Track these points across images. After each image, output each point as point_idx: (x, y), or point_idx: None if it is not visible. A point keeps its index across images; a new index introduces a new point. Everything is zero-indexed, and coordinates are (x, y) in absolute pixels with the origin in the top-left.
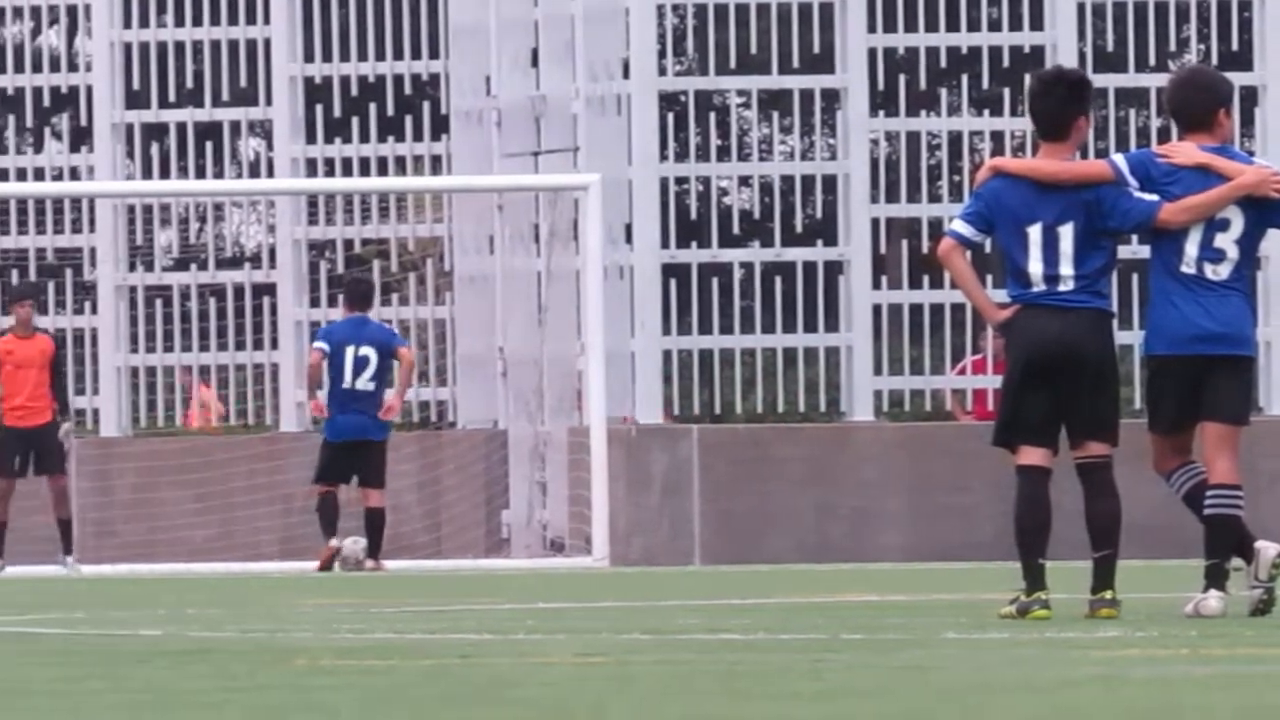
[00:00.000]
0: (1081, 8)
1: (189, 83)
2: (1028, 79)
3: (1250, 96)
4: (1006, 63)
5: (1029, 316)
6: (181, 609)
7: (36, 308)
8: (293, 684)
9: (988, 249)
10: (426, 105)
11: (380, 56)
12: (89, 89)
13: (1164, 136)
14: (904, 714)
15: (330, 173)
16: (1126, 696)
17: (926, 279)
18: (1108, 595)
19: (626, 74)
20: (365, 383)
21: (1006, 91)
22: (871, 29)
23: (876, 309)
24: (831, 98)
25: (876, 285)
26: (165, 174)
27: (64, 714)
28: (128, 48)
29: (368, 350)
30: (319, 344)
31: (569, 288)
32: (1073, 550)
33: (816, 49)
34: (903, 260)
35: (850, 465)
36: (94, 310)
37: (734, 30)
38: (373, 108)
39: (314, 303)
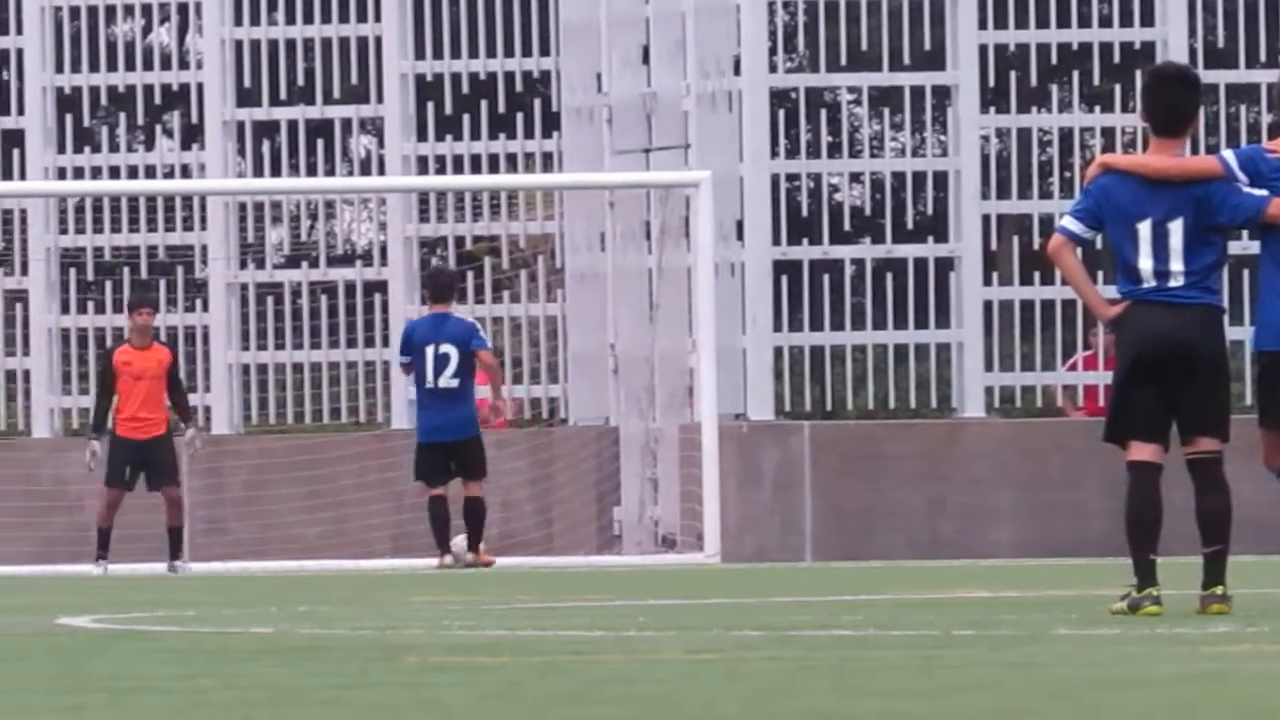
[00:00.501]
0: (1192, 3)
1: (300, 80)
2: (1140, 74)
3: None
4: (1117, 59)
5: (1139, 312)
6: (293, 606)
7: (154, 314)
8: (404, 681)
9: (1098, 245)
10: (538, 102)
11: (491, 54)
12: (200, 86)
13: (1275, 132)
14: (1015, 710)
15: (441, 170)
16: (1237, 692)
17: (1037, 275)
18: (1219, 591)
19: (737, 71)
20: (448, 380)
21: (1117, 88)
22: (982, 25)
23: (987, 305)
24: (942, 94)
25: (987, 281)
26: (276, 171)
27: (176, 712)
28: (239, 45)
29: (448, 348)
30: (401, 357)
31: (680, 284)
32: (1184, 546)
33: (927, 45)
34: (1013, 256)
35: (961, 461)
36: (205, 308)
37: (845, 27)
38: (484, 105)
39: (424, 300)
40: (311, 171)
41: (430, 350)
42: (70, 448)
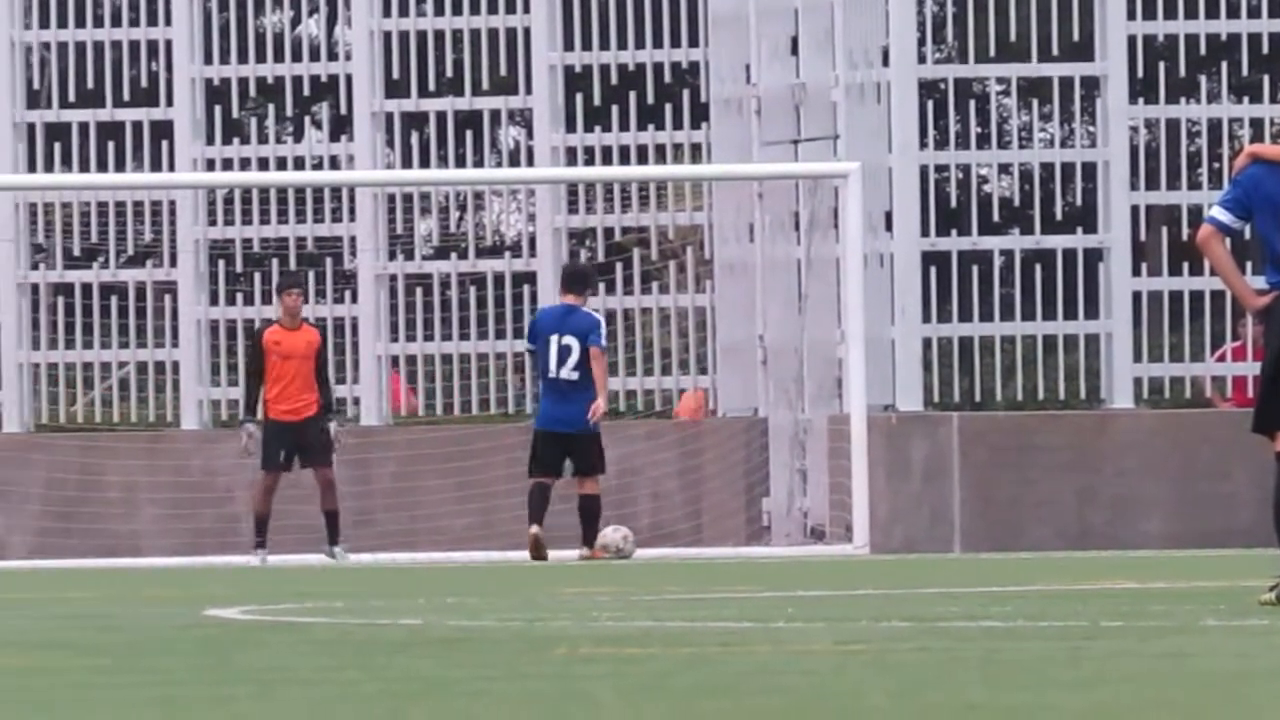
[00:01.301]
0: None
1: (449, 71)
2: None
3: None
4: (1266, 49)
5: None
6: (441, 598)
7: (303, 296)
8: (553, 672)
9: (1246, 236)
10: (686, 93)
11: (640, 45)
12: (349, 78)
13: None
14: (1164, 702)
15: (590, 161)
16: None
17: (1186, 266)
18: None
19: (886, 61)
20: (569, 372)
21: (1266, 78)
22: (1131, 16)
23: (1136, 296)
24: (1091, 85)
25: (1136, 272)
26: (425, 163)
27: (323, 704)
28: (387, 36)
29: (570, 340)
30: (527, 345)
31: (829, 275)
32: None
33: (1076, 36)
34: (1162, 247)
35: (1110, 452)
36: (354, 299)
37: (993, 18)
38: (633, 96)
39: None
40: (460, 163)
41: (554, 340)
42: (219, 439)
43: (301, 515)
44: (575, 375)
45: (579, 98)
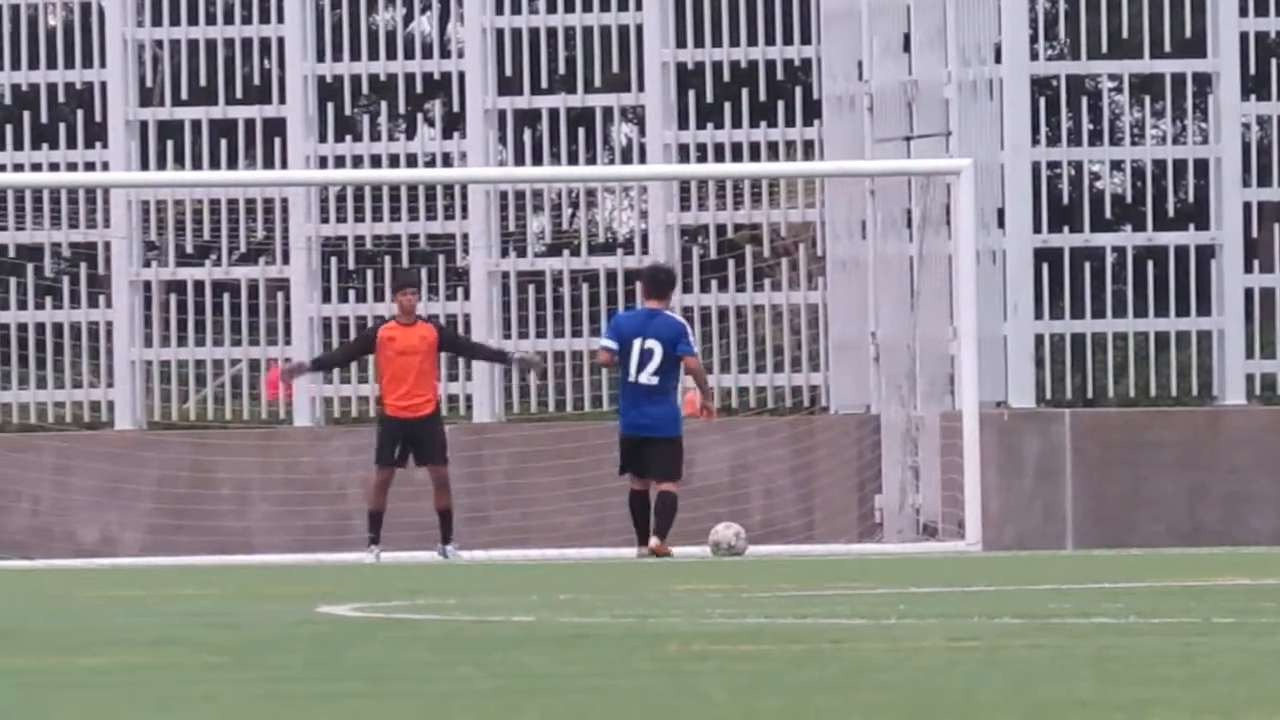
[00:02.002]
0: None
1: (561, 68)
2: None
3: None
4: None
5: None
6: (554, 594)
7: (419, 295)
8: (665, 669)
9: None
10: (799, 90)
11: (753, 41)
12: (461, 75)
13: None
14: (1275, 699)
15: (702, 158)
16: None
17: None
18: None
19: (998, 58)
20: (649, 377)
21: None
22: (1243, 13)
23: (1248, 292)
24: (1203, 82)
25: (1248, 269)
26: (537, 160)
27: (436, 701)
28: (500, 34)
29: (653, 344)
30: (606, 342)
31: (941, 272)
32: None
33: (1188, 33)
34: (1275, 244)
35: (1223, 449)
36: (466, 296)
37: (1105, 14)
38: (745, 93)
39: (686, 288)
40: (572, 160)
41: (636, 344)
42: (331, 436)
43: (414, 512)
44: (655, 380)
45: (691, 94)
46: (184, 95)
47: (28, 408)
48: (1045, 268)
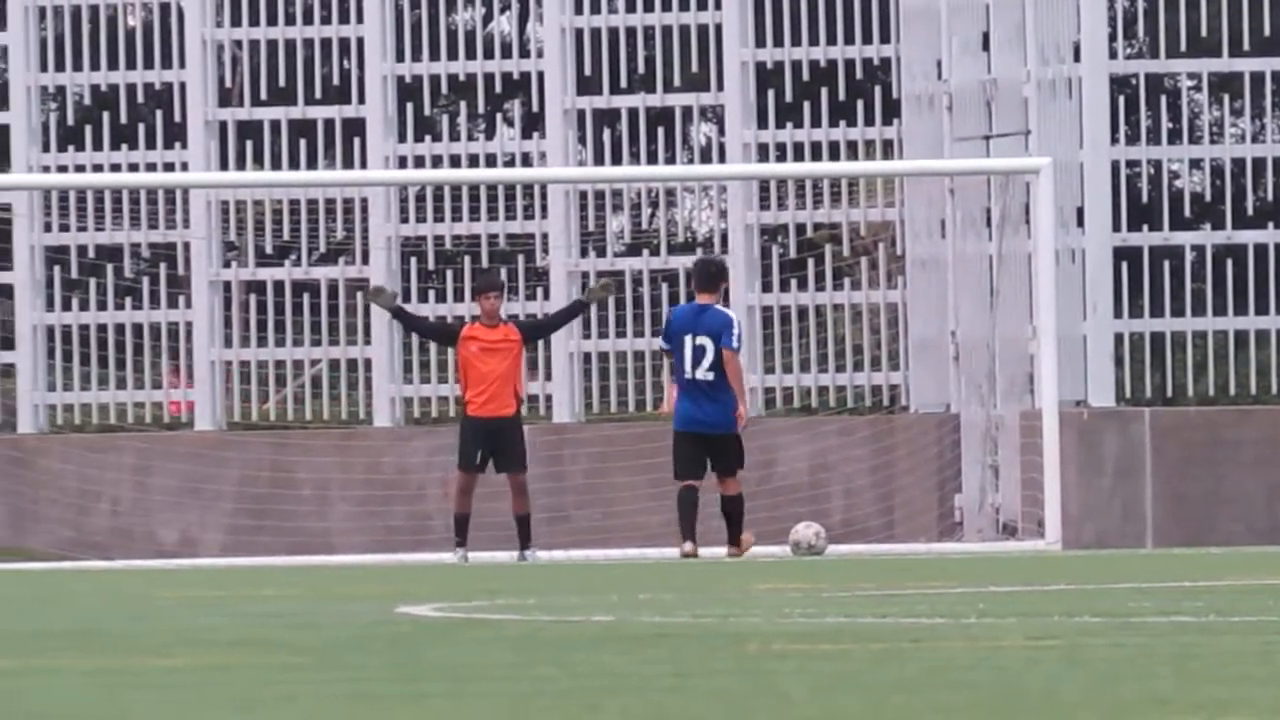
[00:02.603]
0: None
1: (640, 68)
2: None
3: None
4: None
5: None
6: (634, 594)
7: (502, 297)
8: (745, 669)
9: None
10: (878, 89)
11: (832, 41)
12: (541, 75)
13: None
14: None
15: (781, 157)
16: None
17: None
18: None
19: (1078, 57)
20: (704, 373)
21: None
22: None
23: None
24: None
25: None
26: (617, 159)
27: (516, 700)
28: (579, 33)
29: (704, 340)
30: (662, 344)
31: (1021, 271)
32: None
33: (1267, 31)
34: None
35: None
36: (546, 296)
37: (1184, 13)
38: (824, 92)
39: (765, 287)
40: (652, 159)
41: (689, 340)
42: (412, 436)
43: (494, 513)
44: (711, 375)
45: (771, 94)
46: (263, 95)
47: (108, 408)
48: (1124, 266)
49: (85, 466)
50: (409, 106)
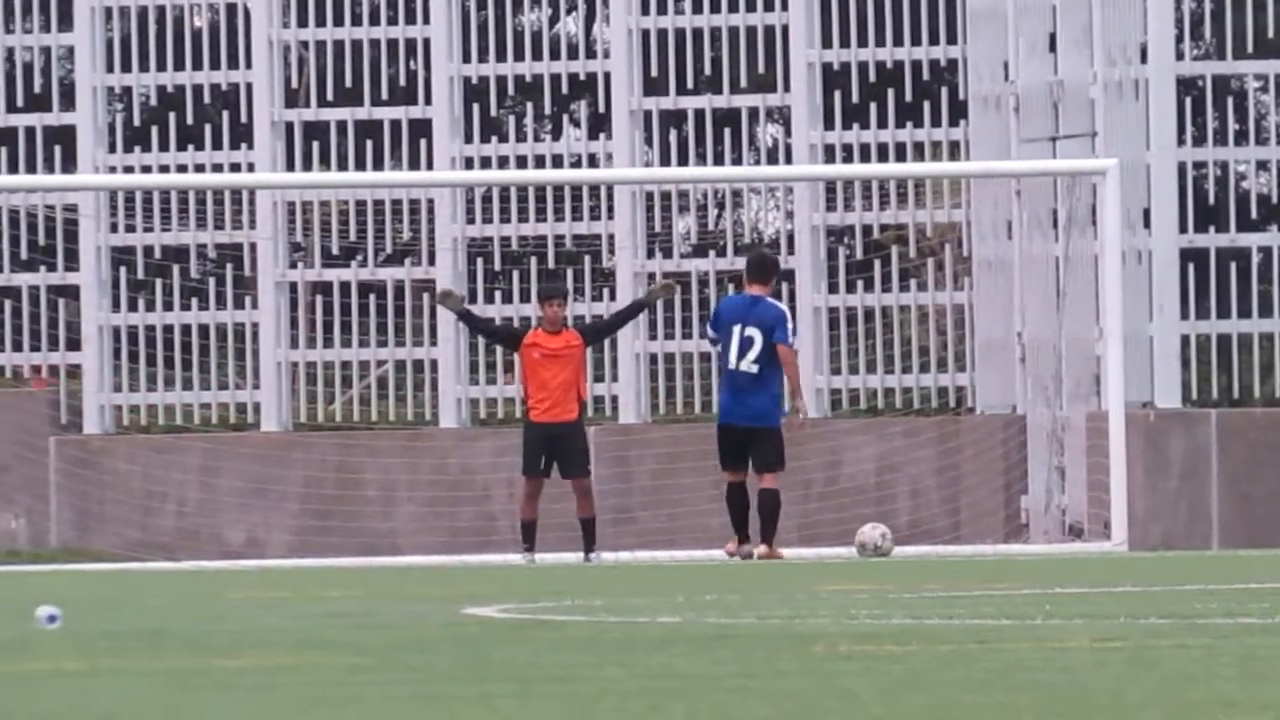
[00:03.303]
0: None
1: (707, 69)
2: None
3: None
4: None
5: None
6: (700, 595)
7: (566, 304)
8: (811, 670)
9: None
10: (944, 90)
11: (899, 42)
12: (607, 76)
13: None
14: None
15: (848, 159)
16: None
17: None
18: None
19: (1144, 58)
20: (749, 365)
21: None
22: None
23: None
24: None
25: None
26: (683, 160)
27: (583, 701)
28: (645, 34)
29: (753, 331)
30: (710, 332)
31: (1087, 272)
32: None
33: None
34: None
35: None
36: (613, 297)
37: (1251, 14)
38: (891, 93)
39: (832, 288)
40: (718, 161)
41: (737, 331)
42: (478, 437)
43: (560, 514)
44: (755, 369)
45: (837, 95)
46: (329, 96)
47: (174, 409)
48: (1191, 268)
49: (151, 467)
50: (475, 107)
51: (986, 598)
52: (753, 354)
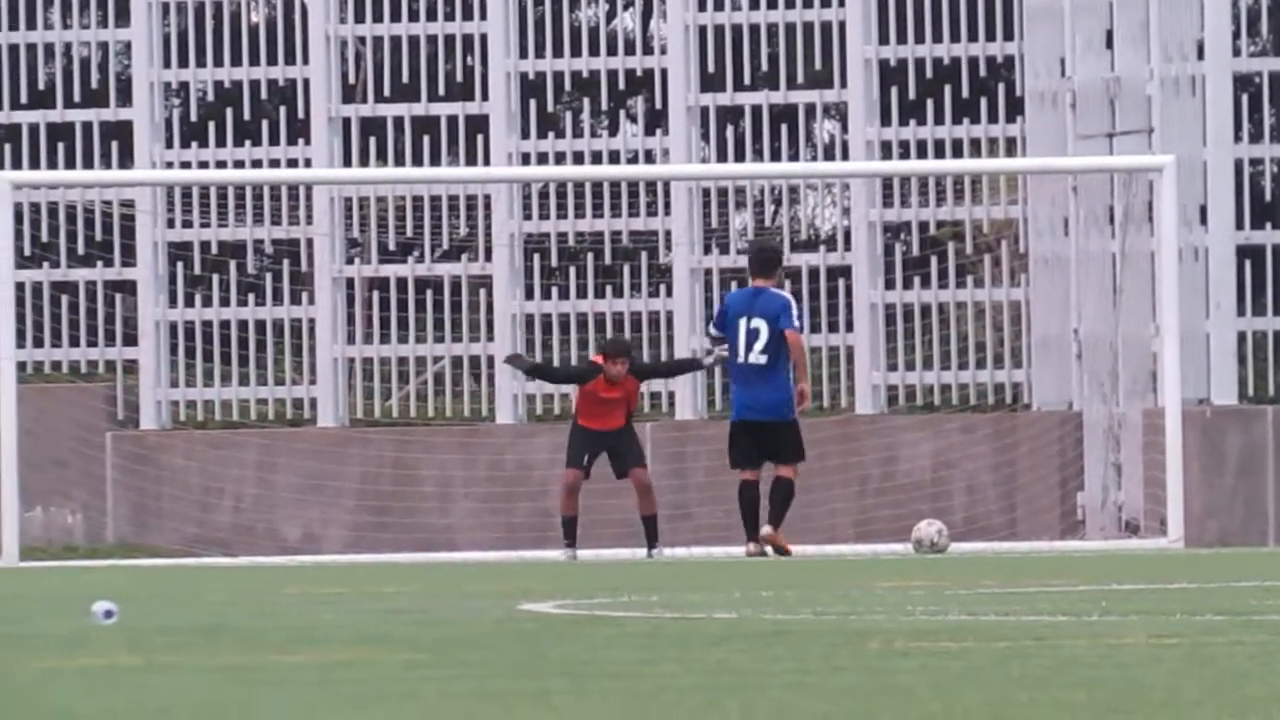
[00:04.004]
0: None
1: (764, 65)
2: None
3: None
4: None
5: None
6: (756, 591)
7: (628, 363)
8: (867, 666)
9: None
10: (1001, 87)
11: (955, 38)
12: (664, 72)
13: None
14: None
15: (904, 155)
16: None
17: None
18: None
19: (1201, 55)
20: (757, 356)
21: None
22: None
23: None
24: None
25: None
26: (740, 156)
27: (639, 697)
28: (702, 30)
29: (759, 322)
30: (713, 330)
31: (1143, 269)
32: None
33: None
34: None
35: None
36: (669, 293)
37: None
38: (947, 89)
39: (888, 285)
40: (775, 157)
41: (743, 324)
42: (534, 433)
43: (615, 510)
44: (763, 359)
45: (894, 91)
46: (386, 92)
47: (230, 405)
48: (1248, 264)
49: (208, 463)
50: (532, 103)
51: (1042, 594)
52: (759, 345)
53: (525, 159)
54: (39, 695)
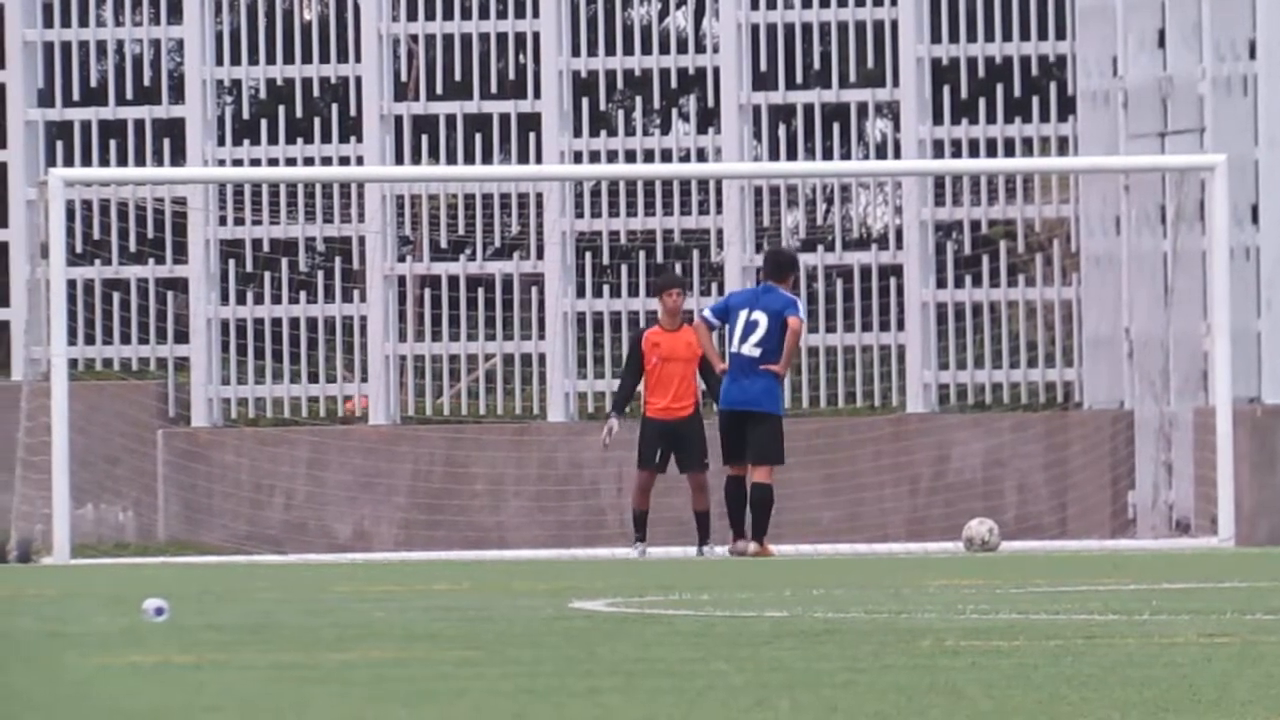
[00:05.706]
0: None
1: (816, 64)
2: None
3: None
4: None
5: None
6: (808, 590)
7: (685, 294)
8: (918, 664)
9: None
10: (1053, 86)
11: (1007, 37)
12: (716, 70)
13: None
14: None
15: (957, 154)
16: None
17: None
18: None
19: (1253, 54)
20: (751, 348)
21: None
22: None
23: None
24: None
25: None
26: (792, 155)
27: (690, 695)
28: (755, 29)
29: (759, 315)
30: (706, 313)
31: (1195, 268)
32: None
33: None
34: None
35: None
36: (721, 291)
37: None
38: (999, 88)
39: (940, 283)
40: (827, 155)
41: (743, 315)
42: (586, 431)
43: (669, 508)
44: (757, 352)
45: (946, 90)
46: (439, 90)
47: (282, 402)
48: None
49: (259, 460)
50: (584, 101)
51: (1094, 593)
52: (755, 337)
53: (577, 157)
54: (90, 692)
